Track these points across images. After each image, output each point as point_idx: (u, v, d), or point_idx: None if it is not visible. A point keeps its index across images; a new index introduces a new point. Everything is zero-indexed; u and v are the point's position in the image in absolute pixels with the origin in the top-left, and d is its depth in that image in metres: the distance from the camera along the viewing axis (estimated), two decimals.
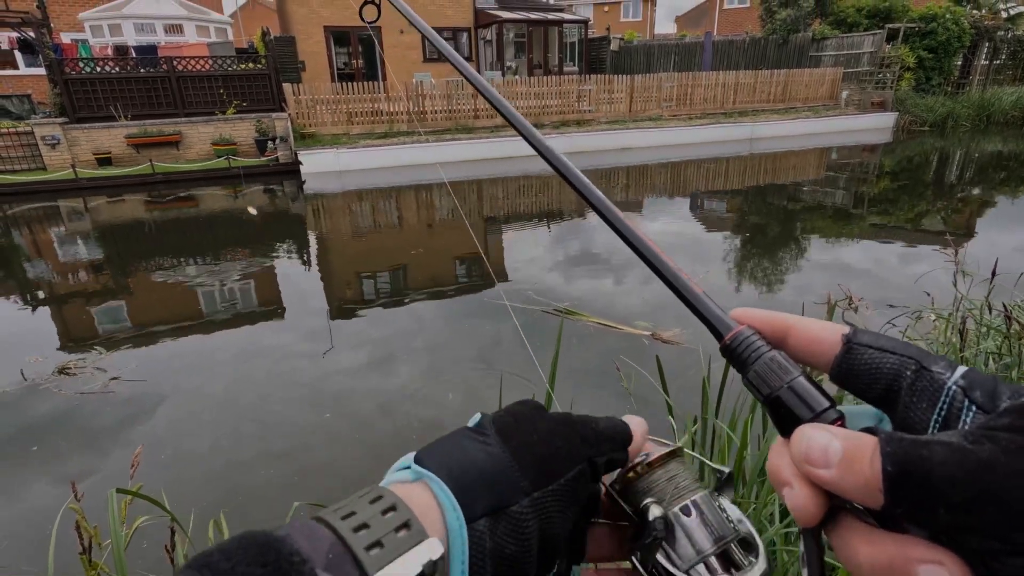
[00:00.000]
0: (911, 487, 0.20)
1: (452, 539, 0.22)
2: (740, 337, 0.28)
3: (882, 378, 0.25)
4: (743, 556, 0.29)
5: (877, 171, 11.74)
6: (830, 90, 17.99)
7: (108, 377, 3.82)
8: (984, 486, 0.19)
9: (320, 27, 18.39)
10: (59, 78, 11.44)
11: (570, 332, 4.17)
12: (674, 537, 0.29)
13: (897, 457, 0.20)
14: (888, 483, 0.20)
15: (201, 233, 8.43)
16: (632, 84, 15.75)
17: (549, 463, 0.26)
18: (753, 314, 0.29)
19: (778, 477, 0.24)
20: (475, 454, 0.25)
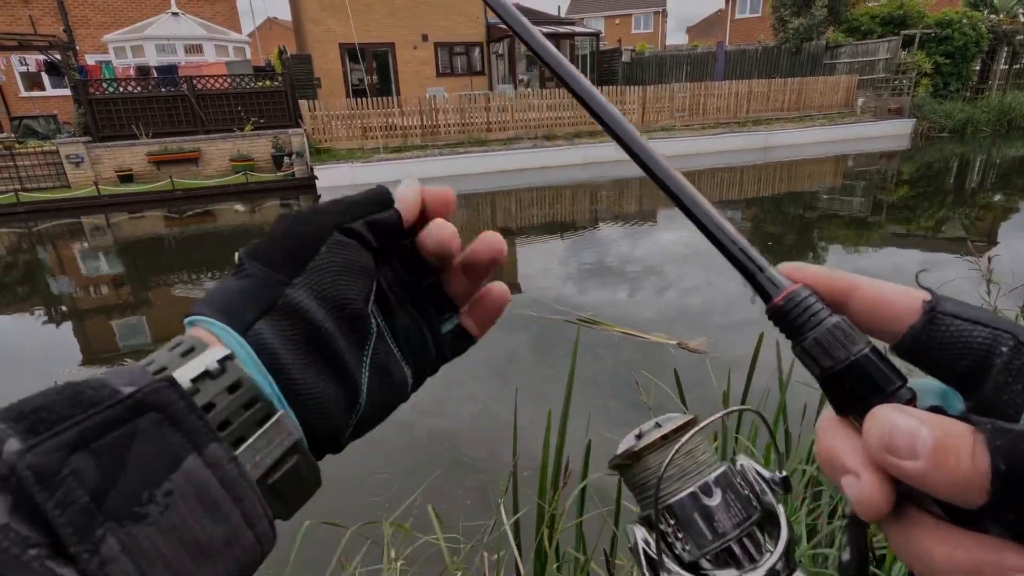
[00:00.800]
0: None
1: (233, 347, 0.24)
2: (795, 298, 0.23)
3: (970, 354, 0.21)
4: (764, 537, 0.26)
5: (895, 178, 11.57)
6: (845, 97, 17.84)
7: None
8: None
9: (335, 44, 18.73)
10: (83, 98, 11.76)
11: (592, 342, 4.14)
12: (689, 523, 0.25)
13: (1011, 453, 0.17)
14: (999, 483, 0.17)
15: (219, 248, 8.56)
16: (644, 95, 15.77)
17: (297, 250, 0.27)
18: (808, 271, 0.24)
19: (837, 464, 0.21)
20: (230, 283, 0.26)
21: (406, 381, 0.31)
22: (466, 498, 2.59)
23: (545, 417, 1.36)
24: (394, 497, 2.55)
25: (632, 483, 0.28)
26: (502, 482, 1.24)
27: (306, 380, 0.25)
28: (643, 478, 0.27)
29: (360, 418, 0.29)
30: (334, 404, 0.27)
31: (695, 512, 0.26)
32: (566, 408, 1.24)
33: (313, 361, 0.26)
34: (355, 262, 0.28)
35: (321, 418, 0.26)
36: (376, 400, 0.29)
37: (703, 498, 0.26)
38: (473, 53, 20.62)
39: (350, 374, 0.27)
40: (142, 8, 17.15)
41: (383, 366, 0.30)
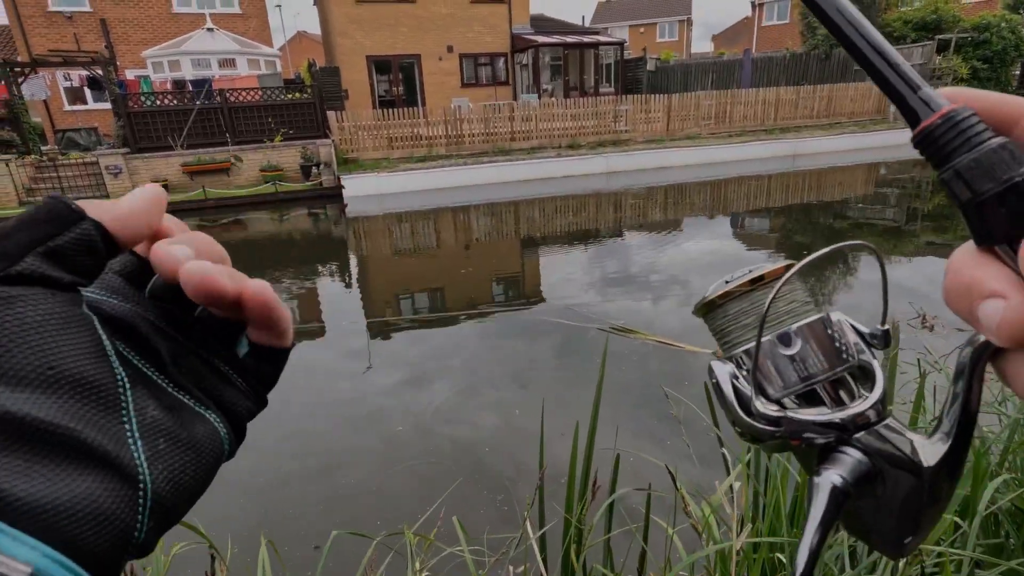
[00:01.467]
0: None
1: None
2: (954, 117, 0.20)
3: None
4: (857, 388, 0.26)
5: (931, 186, 11.24)
6: (877, 104, 17.44)
7: None
8: None
9: (363, 57, 19.10)
10: (123, 112, 12.21)
11: (621, 351, 4.09)
12: (778, 361, 0.26)
13: None
14: None
15: (249, 254, 8.75)
16: (669, 103, 15.67)
17: None
18: (971, 93, 0.21)
19: (978, 289, 0.20)
20: None
21: (215, 430, 0.25)
22: (489, 509, 2.57)
23: (564, 424, 1.34)
24: (417, 506, 2.55)
25: (719, 325, 0.28)
26: (528, 495, 1.22)
27: (33, 493, 0.17)
28: (733, 318, 0.28)
29: (158, 499, 0.21)
30: (95, 504, 0.19)
31: (786, 352, 0.26)
32: (594, 420, 1.22)
33: (35, 466, 0.18)
34: (49, 317, 0.20)
35: (81, 530, 0.18)
36: (174, 468, 0.22)
37: (795, 339, 0.26)
38: (498, 64, 20.80)
39: (103, 455, 0.19)
40: (179, 25, 17.77)
41: (163, 426, 0.22)
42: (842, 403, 0.26)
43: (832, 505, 0.23)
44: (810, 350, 0.26)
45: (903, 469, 0.24)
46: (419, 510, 2.50)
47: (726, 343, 0.28)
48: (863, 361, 0.26)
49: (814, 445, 0.25)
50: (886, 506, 0.24)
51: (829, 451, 0.25)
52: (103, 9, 17.03)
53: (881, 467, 0.24)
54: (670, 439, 2.98)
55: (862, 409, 0.25)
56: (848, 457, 0.24)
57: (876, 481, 0.24)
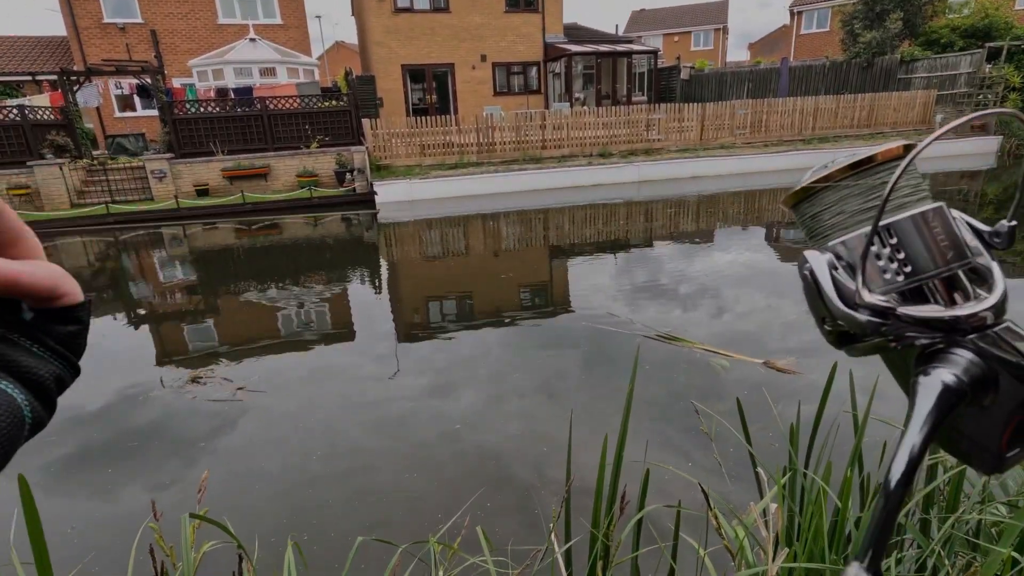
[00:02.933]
0: None
1: None
2: None
3: None
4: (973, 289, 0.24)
5: (978, 199, 10.78)
6: (922, 114, 16.86)
7: (235, 387, 4.13)
8: None
9: (398, 65, 19.45)
10: (168, 118, 12.70)
11: (652, 363, 4.03)
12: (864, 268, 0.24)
13: None
14: None
15: (284, 258, 8.96)
16: (703, 112, 15.47)
17: None
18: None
19: None
20: None
21: (13, 400, 0.25)
22: (512, 519, 2.54)
23: (590, 435, 1.31)
24: (441, 512, 2.55)
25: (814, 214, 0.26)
26: (552, 506, 1.20)
27: None
28: (834, 206, 0.25)
29: None
30: None
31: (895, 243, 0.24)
32: (623, 432, 1.19)
33: None
34: None
35: None
36: None
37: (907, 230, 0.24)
38: (530, 72, 20.91)
39: None
40: (224, 35, 18.43)
41: None
42: (954, 303, 0.24)
43: (942, 404, 0.21)
44: (922, 243, 0.24)
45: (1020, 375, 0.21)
46: (443, 516, 2.50)
47: (821, 234, 0.26)
48: (979, 263, 0.25)
49: (916, 346, 0.23)
50: (995, 415, 0.22)
51: (937, 353, 0.23)
52: (153, 20, 17.79)
53: (996, 371, 0.22)
54: (696, 454, 2.91)
55: (978, 310, 0.23)
56: (960, 358, 0.22)
57: (989, 385, 0.22)
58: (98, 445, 3.50)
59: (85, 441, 3.54)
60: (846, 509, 1.02)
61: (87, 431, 3.66)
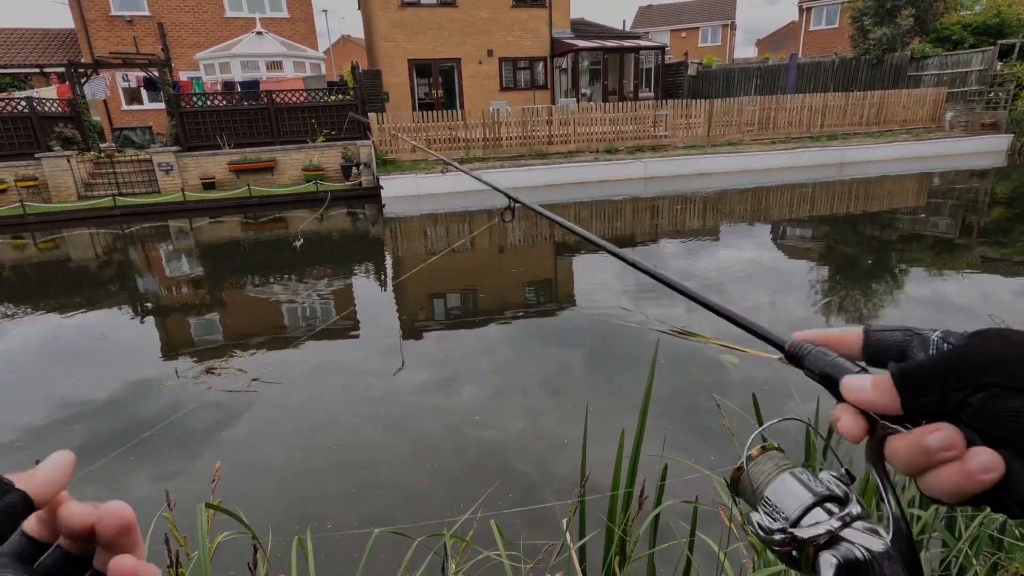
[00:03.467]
0: (911, 380, 0.31)
1: None
2: (796, 344, 0.39)
3: (895, 348, 0.35)
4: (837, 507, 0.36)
5: (988, 198, 10.68)
6: (932, 111, 16.71)
7: (249, 378, 4.15)
8: (951, 362, 0.30)
9: (404, 60, 19.40)
10: (175, 111, 12.72)
11: (685, 355, 4.01)
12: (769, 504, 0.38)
13: (900, 368, 0.32)
14: (896, 383, 0.31)
15: (289, 252, 8.96)
16: (711, 108, 15.37)
17: None
18: (802, 334, 0.39)
19: (832, 418, 0.34)
20: None
21: None
22: (521, 516, 2.54)
23: (600, 430, 1.30)
24: (448, 505, 2.54)
25: (739, 491, 0.41)
26: (562, 500, 1.19)
27: None
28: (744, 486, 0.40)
29: None
30: None
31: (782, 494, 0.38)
32: (641, 426, 1.17)
33: None
34: None
35: None
36: None
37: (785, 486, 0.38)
38: (537, 67, 20.83)
39: None
40: (230, 28, 18.43)
41: None
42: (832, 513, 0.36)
43: None
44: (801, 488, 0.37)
45: None
46: (449, 509, 2.49)
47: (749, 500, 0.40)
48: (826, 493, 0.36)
49: None
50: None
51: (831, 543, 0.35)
52: (161, 13, 17.80)
53: None
54: (706, 450, 2.90)
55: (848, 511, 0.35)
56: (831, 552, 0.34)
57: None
58: (113, 434, 3.50)
59: (98, 431, 3.55)
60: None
61: (101, 421, 3.67)
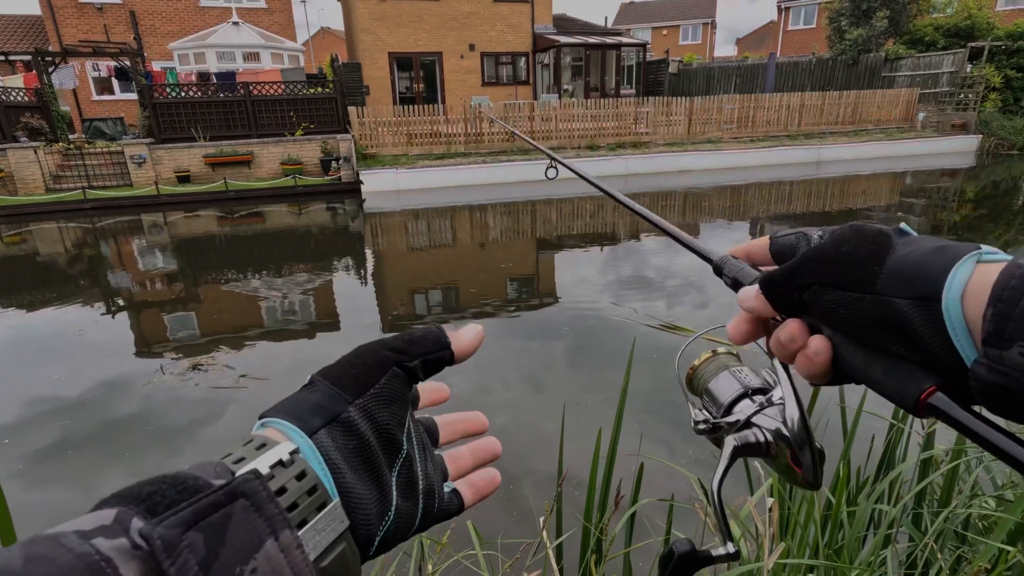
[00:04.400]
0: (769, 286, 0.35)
1: (299, 444, 0.29)
2: (722, 258, 0.43)
3: (788, 249, 0.39)
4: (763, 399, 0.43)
5: (958, 197, 10.97)
6: (905, 112, 17.09)
7: (238, 374, 4.08)
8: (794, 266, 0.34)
9: (385, 53, 19.19)
10: (148, 102, 12.39)
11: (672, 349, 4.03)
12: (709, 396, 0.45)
13: (763, 276, 0.36)
14: (762, 290, 0.35)
15: (267, 247, 8.82)
16: (691, 106, 15.50)
17: (360, 378, 0.33)
18: (732, 249, 0.43)
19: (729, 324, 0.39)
20: (302, 395, 0.32)
21: (416, 510, 0.34)
22: (501, 512, 2.53)
23: (579, 427, 1.30)
24: None
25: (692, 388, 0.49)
26: (547, 501, 1.19)
27: (352, 481, 0.30)
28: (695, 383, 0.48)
29: (385, 534, 0.32)
30: (372, 507, 0.31)
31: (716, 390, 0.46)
32: (617, 424, 1.17)
33: (359, 468, 0.31)
34: (401, 394, 0.34)
35: (361, 517, 0.30)
36: (401, 514, 0.32)
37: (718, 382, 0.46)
38: (519, 63, 20.77)
39: (386, 485, 0.32)
40: (206, 18, 18.01)
41: (404, 487, 0.33)
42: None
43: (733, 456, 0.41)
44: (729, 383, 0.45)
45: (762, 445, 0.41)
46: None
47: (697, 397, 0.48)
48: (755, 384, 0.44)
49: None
50: None
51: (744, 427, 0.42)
52: (133, 1, 17.32)
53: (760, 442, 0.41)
54: (684, 445, 2.92)
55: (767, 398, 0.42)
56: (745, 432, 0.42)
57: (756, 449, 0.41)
58: (95, 434, 3.41)
59: (79, 431, 3.45)
60: (840, 503, 1.02)
61: (82, 421, 3.57)
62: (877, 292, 0.30)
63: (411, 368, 0.35)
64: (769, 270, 0.36)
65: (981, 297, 0.26)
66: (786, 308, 0.35)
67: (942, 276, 0.27)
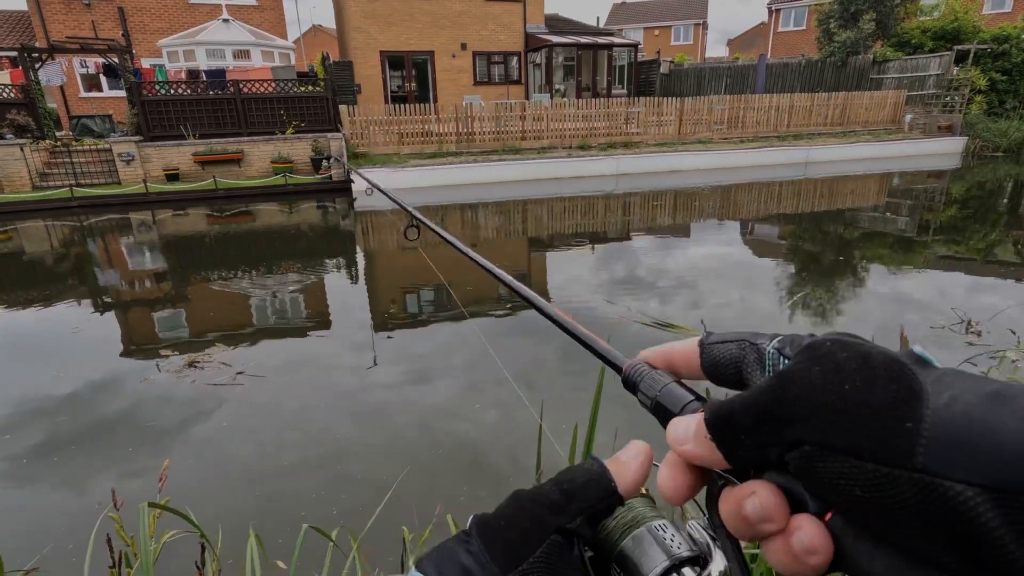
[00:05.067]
0: (723, 428, 0.25)
1: None
2: (632, 366, 0.34)
3: (731, 363, 0.30)
4: None
5: (944, 198, 11.12)
6: (892, 113, 17.29)
7: (234, 371, 4.10)
8: (762, 406, 0.24)
9: (377, 52, 19.14)
10: (137, 100, 12.30)
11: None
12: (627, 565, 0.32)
13: (712, 413, 0.26)
14: (710, 432, 0.25)
15: (258, 246, 8.78)
16: (682, 107, 15.60)
17: (515, 547, 0.29)
18: (646, 352, 0.35)
19: None
20: (459, 556, 0.28)
21: None
22: (485, 504, 2.56)
23: (566, 423, 1.32)
24: (416, 500, 2.55)
25: None
26: None
27: None
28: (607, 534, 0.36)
29: None
30: None
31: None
32: (593, 419, 1.20)
33: None
34: (559, 568, 0.29)
35: None
36: None
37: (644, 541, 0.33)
38: (511, 62, 20.79)
39: None
40: (195, 15, 17.88)
41: None
42: None
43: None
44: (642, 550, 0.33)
45: None
46: (418, 503, 2.50)
47: None
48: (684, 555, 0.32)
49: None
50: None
51: None
52: None
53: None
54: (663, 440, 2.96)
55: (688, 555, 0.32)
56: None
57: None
58: (93, 430, 3.40)
59: (77, 427, 3.44)
60: None
61: (80, 417, 3.55)
62: (917, 469, 0.19)
63: (573, 530, 0.30)
64: (715, 402, 0.27)
65: None
66: (748, 463, 0.25)
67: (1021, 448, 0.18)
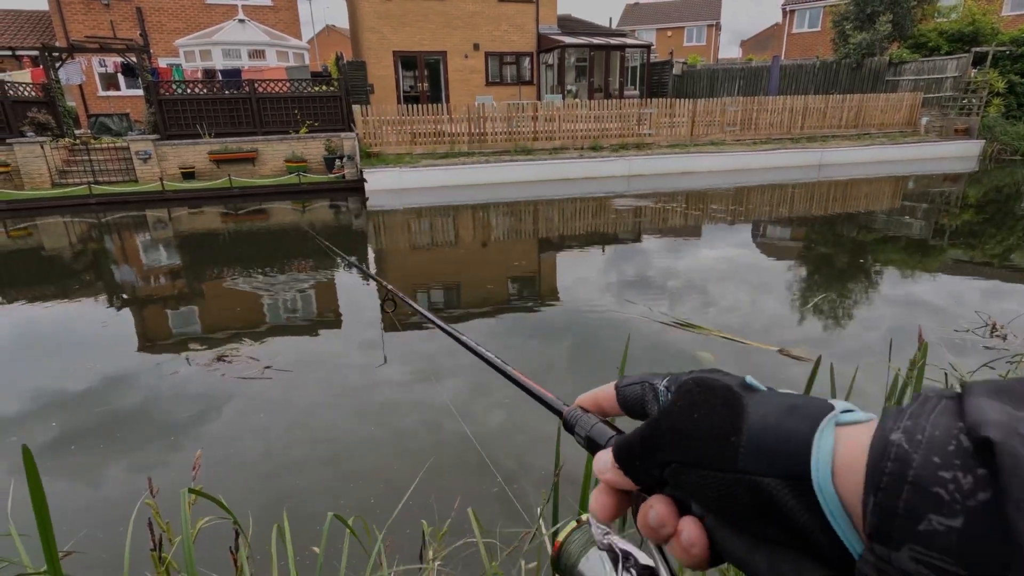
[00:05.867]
0: (624, 458, 0.32)
1: None
2: (571, 412, 0.39)
3: (636, 401, 0.35)
4: None
5: (960, 202, 10.99)
6: (908, 116, 17.10)
7: (262, 366, 4.17)
8: (646, 438, 0.30)
9: (390, 52, 19.25)
10: (154, 99, 12.47)
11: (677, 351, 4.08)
12: None
13: (615, 445, 0.33)
14: (616, 462, 0.32)
15: (270, 244, 8.88)
16: (694, 108, 15.54)
17: None
18: (581, 398, 0.40)
19: None
20: None
21: None
22: (503, 503, 2.59)
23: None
24: (426, 496, 2.58)
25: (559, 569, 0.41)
26: (544, 491, 1.23)
27: None
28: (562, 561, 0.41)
29: None
30: None
31: None
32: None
33: None
34: None
35: None
36: None
37: None
38: (523, 63, 20.82)
39: None
40: (212, 15, 18.09)
41: None
42: None
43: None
44: None
45: None
46: (428, 499, 2.53)
47: None
48: None
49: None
50: None
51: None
52: None
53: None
54: None
55: None
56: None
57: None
58: (133, 419, 3.47)
59: (116, 416, 3.51)
60: None
61: (118, 408, 3.63)
62: (740, 471, 0.26)
63: None
64: (619, 436, 0.34)
65: (854, 478, 0.23)
66: (647, 483, 0.31)
67: (805, 449, 0.24)
